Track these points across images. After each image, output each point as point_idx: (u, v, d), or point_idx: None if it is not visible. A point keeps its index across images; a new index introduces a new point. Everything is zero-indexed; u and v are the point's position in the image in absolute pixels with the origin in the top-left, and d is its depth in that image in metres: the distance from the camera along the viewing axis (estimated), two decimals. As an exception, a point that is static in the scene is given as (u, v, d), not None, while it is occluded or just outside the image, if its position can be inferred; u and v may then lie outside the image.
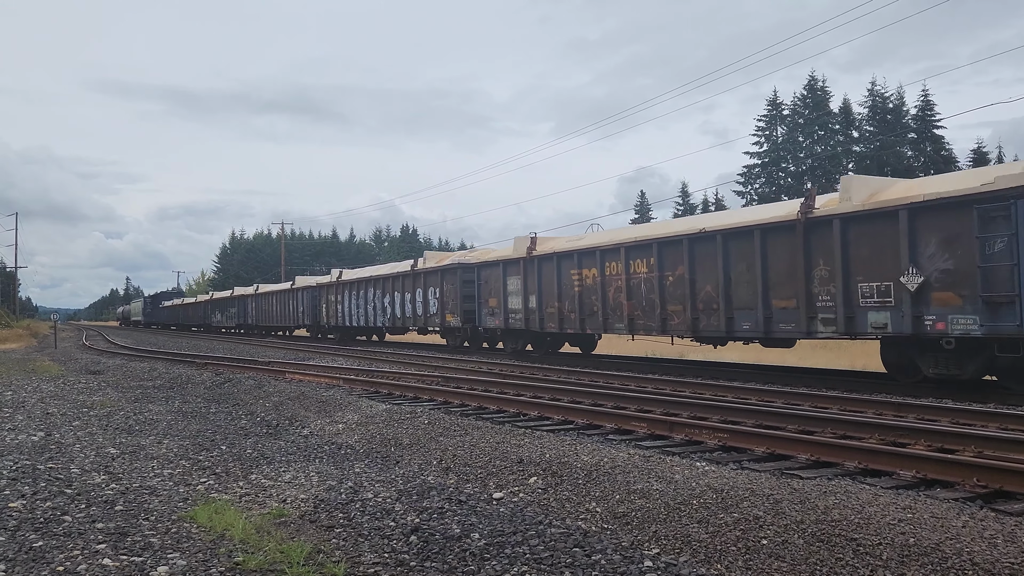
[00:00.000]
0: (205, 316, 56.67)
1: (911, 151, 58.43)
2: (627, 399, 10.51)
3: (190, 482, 6.55)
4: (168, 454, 7.77)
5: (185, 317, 64.62)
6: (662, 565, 4.32)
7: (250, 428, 9.64)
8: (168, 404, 12.04)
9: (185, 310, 65.40)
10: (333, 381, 14.30)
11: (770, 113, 63.66)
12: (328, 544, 4.77)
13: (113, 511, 5.48)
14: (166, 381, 15.49)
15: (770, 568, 4.15)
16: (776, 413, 8.77)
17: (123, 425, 9.70)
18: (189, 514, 5.38)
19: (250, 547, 4.64)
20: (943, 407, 9.47)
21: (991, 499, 5.57)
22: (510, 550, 4.60)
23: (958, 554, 3.98)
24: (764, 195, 60.09)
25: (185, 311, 65.18)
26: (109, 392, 13.73)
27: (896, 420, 8.39)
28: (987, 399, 10.66)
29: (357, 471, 6.87)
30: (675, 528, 4.78)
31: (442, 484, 6.33)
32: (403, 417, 9.18)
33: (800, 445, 7.15)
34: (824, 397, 10.71)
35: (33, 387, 14.34)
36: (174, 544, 4.72)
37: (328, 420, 9.73)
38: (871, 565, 4.02)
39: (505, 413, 10.21)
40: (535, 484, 6.03)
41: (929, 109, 57.63)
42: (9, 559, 4.41)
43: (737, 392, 11.77)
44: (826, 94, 61.62)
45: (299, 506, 5.70)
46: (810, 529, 4.45)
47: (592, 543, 4.70)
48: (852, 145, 60.27)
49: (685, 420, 8.60)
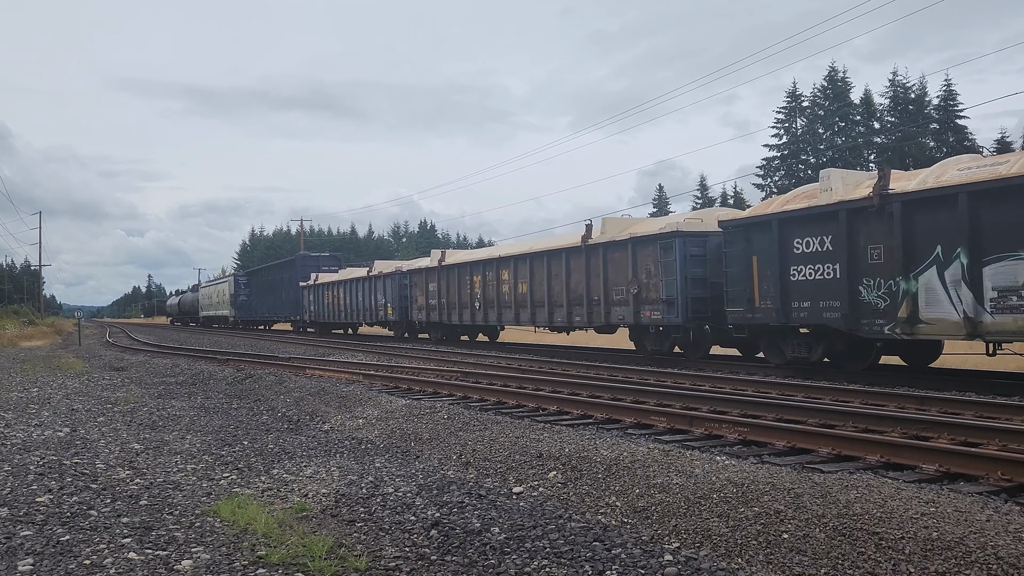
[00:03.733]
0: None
1: (933, 142, 57.74)
2: (647, 393, 10.49)
3: (213, 477, 6.62)
4: (191, 449, 7.85)
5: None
6: (682, 559, 4.32)
7: (271, 423, 9.72)
8: (190, 400, 12.17)
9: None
10: (353, 377, 14.38)
11: (789, 105, 63.12)
12: (349, 538, 4.81)
13: (138, 505, 5.56)
14: (188, 377, 15.64)
15: (791, 562, 4.14)
16: (797, 407, 8.72)
17: (147, 421, 9.81)
18: (212, 508, 5.44)
19: (273, 541, 4.69)
20: (967, 400, 9.38)
21: (1016, 493, 5.51)
22: (530, 544, 4.62)
23: (982, 548, 3.94)
24: (784, 188, 59.63)
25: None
26: (132, 388, 13.89)
27: (919, 414, 8.32)
28: (961, 390, 10.55)
29: (377, 466, 6.91)
30: (695, 522, 4.78)
31: (462, 479, 6.35)
32: (423, 412, 9.22)
33: (821, 439, 7.10)
34: (846, 391, 10.64)
35: (58, 384, 14.55)
36: (198, 538, 4.78)
37: (348, 415, 9.79)
38: (893, 559, 3.99)
39: (524, 408, 10.22)
40: (555, 479, 6.04)
41: (952, 99, 56.90)
42: (37, 552, 4.48)
43: (757, 386, 11.72)
44: (847, 85, 60.99)
45: (320, 500, 5.75)
46: (832, 523, 4.42)
47: (612, 537, 4.70)
48: (873, 136, 59.66)
49: (705, 414, 8.58)
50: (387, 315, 30.35)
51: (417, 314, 28.09)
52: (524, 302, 21.38)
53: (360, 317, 33.13)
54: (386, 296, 30.27)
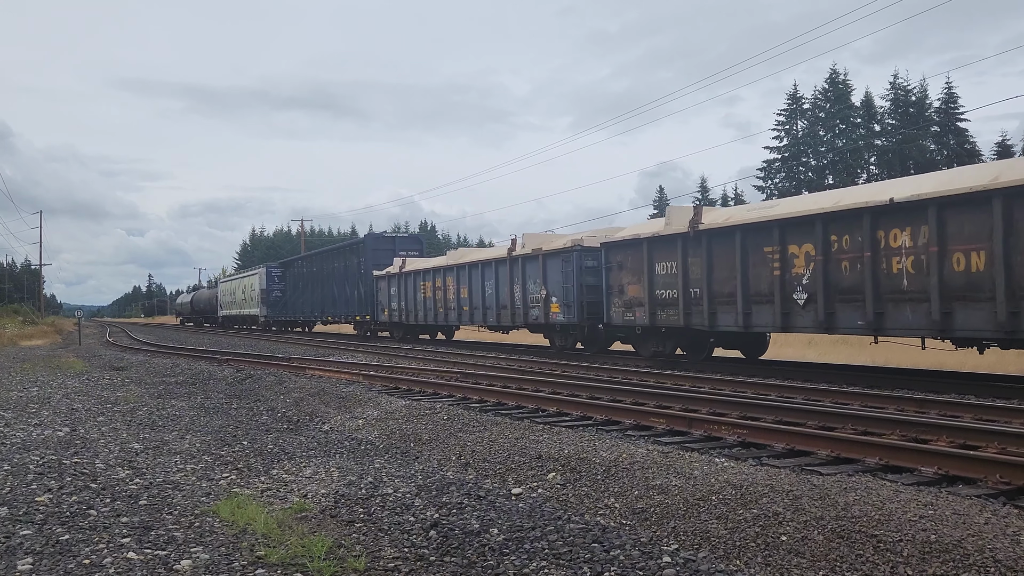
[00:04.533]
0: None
1: (934, 144, 57.78)
2: (646, 395, 10.50)
3: (212, 477, 6.62)
4: (191, 449, 7.86)
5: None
6: (681, 561, 4.33)
7: (271, 424, 9.73)
8: (190, 400, 12.17)
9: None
10: (352, 377, 14.39)
11: (790, 107, 63.15)
12: (349, 539, 4.81)
13: (137, 505, 5.56)
14: (188, 377, 15.64)
15: (790, 564, 4.15)
16: (796, 409, 8.72)
17: (146, 420, 9.82)
18: (212, 508, 5.45)
19: (272, 541, 4.69)
20: (966, 403, 9.39)
21: (1014, 496, 5.52)
22: (529, 545, 4.62)
23: (980, 551, 3.95)
24: (784, 190, 59.64)
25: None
26: (132, 388, 13.90)
27: (918, 416, 8.32)
28: (960, 393, 10.55)
29: (377, 466, 6.92)
30: (694, 524, 4.78)
31: (461, 479, 6.36)
32: (422, 413, 9.23)
33: (820, 441, 7.11)
34: (845, 393, 10.65)
35: (58, 383, 14.55)
36: (197, 538, 4.78)
37: (348, 416, 9.79)
38: (892, 562, 4.00)
39: (524, 409, 10.23)
40: (554, 480, 6.04)
41: (952, 101, 56.93)
42: (36, 552, 4.49)
43: (756, 388, 11.73)
44: (847, 87, 61.03)
45: (320, 501, 5.75)
46: (830, 525, 4.43)
47: (611, 539, 4.71)
48: (874, 139, 59.67)
49: (704, 416, 8.58)
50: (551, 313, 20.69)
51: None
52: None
53: (502, 317, 22.93)
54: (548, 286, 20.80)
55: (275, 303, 43.62)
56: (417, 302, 28.03)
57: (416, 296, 28.05)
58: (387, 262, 31.42)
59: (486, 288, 23.63)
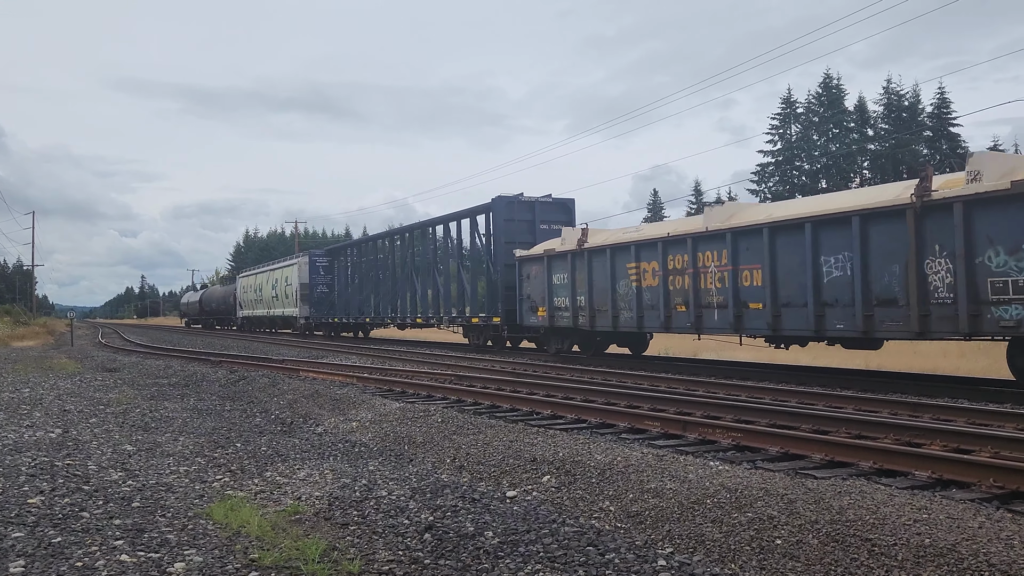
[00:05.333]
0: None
1: (927, 149, 58.00)
2: (641, 398, 10.50)
3: (206, 479, 6.60)
4: (184, 451, 7.83)
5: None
6: (676, 564, 4.32)
7: (265, 426, 9.70)
8: (183, 401, 12.13)
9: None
10: (346, 379, 14.36)
11: (784, 111, 63.34)
12: (343, 541, 4.80)
13: (130, 508, 5.53)
14: (181, 379, 15.59)
15: (784, 568, 4.15)
16: (790, 412, 8.73)
17: (139, 422, 9.78)
18: (205, 511, 5.42)
19: (266, 544, 4.68)
20: (959, 407, 9.41)
21: (1008, 500, 5.53)
22: (524, 548, 4.61)
23: (974, 555, 3.96)
24: (778, 194, 59.78)
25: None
26: (125, 389, 13.84)
27: (911, 420, 8.34)
28: (953, 397, 10.58)
29: (371, 469, 6.90)
30: (689, 527, 4.78)
31: (456, 482, 6.34)
32: (416, 415, 9.21)
33: (814, 445, 7.12)
34: (839, 397, 10.67)
35: (50, 384, 14.48)
36: (191, 540, 4.76)
37: (342, 418, 9.77)
38: (886, 566, 4.00)
39: (518, 412, 10.22)
40: (548, 483, 6.04)
41: (945, 106, 57.19)
42: (28, 554, 4.46)
43: (751, 391, 11.74)
44: (841, 92, 61.26)
45: (314, 503, 5.73)
46: (824, 529, 4.43)
47: (606, 542, 4.70)
48: (867, 143, 59.87)
49: (698, 419, 8.59)
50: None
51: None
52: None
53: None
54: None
55: (320, 300, 35.38)
56: (618, 296, 18.14)
57: (616, 286, 18.18)
58: (523, 239, 22.61)
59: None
